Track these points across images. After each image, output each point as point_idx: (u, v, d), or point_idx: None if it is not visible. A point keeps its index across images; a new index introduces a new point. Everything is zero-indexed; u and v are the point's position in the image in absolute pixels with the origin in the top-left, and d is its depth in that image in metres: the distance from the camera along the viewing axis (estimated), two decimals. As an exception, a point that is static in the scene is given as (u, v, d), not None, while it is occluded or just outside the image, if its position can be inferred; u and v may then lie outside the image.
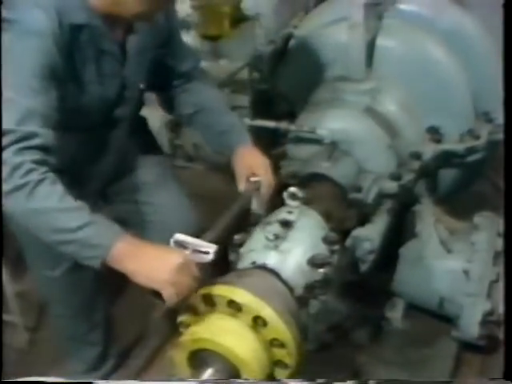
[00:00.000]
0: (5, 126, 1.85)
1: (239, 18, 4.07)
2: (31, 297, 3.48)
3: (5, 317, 3.26)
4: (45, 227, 1.90)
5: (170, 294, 1.87)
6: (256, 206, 2.40)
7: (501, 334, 2.67)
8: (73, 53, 2.09)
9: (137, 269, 1.89)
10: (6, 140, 1.84)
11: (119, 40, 2.25)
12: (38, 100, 1.93)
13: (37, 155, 1.88)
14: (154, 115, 3.19)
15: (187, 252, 1.93)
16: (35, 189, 1.84)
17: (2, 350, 2.50)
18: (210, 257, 1.94)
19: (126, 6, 2.05)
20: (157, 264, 1.89)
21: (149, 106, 2.79)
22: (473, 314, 2.72)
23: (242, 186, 2.42)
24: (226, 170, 2.61)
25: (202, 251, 1.95)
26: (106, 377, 2.96)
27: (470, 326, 2.74)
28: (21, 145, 1.85)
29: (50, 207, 1.86)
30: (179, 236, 1.97)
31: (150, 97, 2.75)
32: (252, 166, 2.43)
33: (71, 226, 1.87)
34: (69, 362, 2.98)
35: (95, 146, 2.45)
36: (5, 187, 1.84)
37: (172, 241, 1.96)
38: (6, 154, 1.84)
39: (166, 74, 2.58)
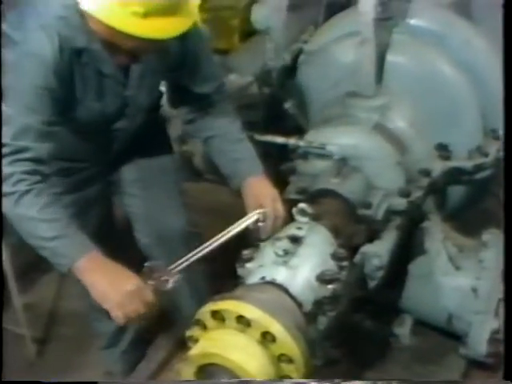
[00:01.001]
0: (3, 140, 2.09)
1: (249, 32, 4.09)
2: (39, 309, 3.50)
3: (13, 329, 3.28)
4: (25, 232, 2.11)
5: (116, 316, 2.06)
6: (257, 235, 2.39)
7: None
8: (73, 73, 2.23)
9: (93, 285, 2.07)
10: (3, 152, 2.08)
11: (122, 63, 2.29)
12: (33, 118, 2.13)
13: (27, 167, 2.09)
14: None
15: (149, 281, 2.08)
16: (21, 198, 2.06)
17: (2, 351, 2.52)
18: (169, 285, 2.09)
19: (120, 40, 2.09)
20: (110, 285, 2.06)
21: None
22: (481, 332, 2.72)
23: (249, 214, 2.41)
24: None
25: (163, 279, 2.09)
26: (124, 354, 3.15)
27: (478, 343, 2.73)
28: (13, 157, 2.08)
29: (31, 216, 2.07)
30: (151, 262, 2.14)
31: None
32: (259, 196, 2.43)
33: (46, 235, 2.08)
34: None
35: (97, 148, 2.62)
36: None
37: (145, 265, 2.12)
38: (2, 164, 2.09)
39: (184, 96, 2.61)
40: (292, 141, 3.00)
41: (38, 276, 3.81)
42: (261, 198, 2.42)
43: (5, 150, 2.08)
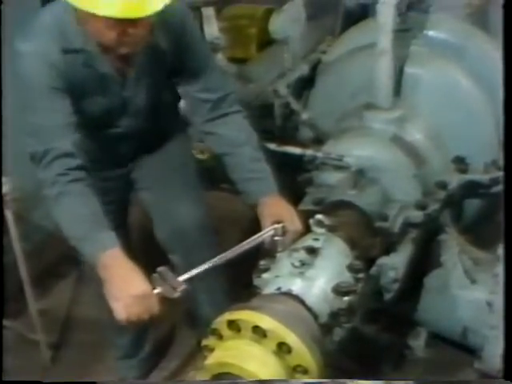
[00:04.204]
0: (30, 150, 2.26)
1: (266, 41, 4.09)
2: (54, 315, 3.52)
3: (28, 334, 3.30)
4: (63, 231, 2.24)
5: (117, 313, 2.09)
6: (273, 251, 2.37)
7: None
8: (75, 73, 2.33)
9: (107, 281, 2.13)
10: (34, 160, 2.26)
11: (118, 63, 2.40)
12: (51, 117, 2.27)
13: (59, 167, 2.23)
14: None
15: (158, 287, 2.11)
16: (57, 200, 2.22)
17: (2, 351, 2.53)
18: (176, 294, 2.11)
19: (100, 34, 2.20)
20: (120, 285, 2.11)
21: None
22: (496, 346, 2.70)
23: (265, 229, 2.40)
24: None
25: (171, 287, 2.11)
26: (140, 363, 3.18)
27: (493, 358, 2.72)
28: (44, 161, 2.23)
29: (65, 216, 2.23)
30: (163, 268, 2.12)
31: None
32: (277, 214, 2.42)
33: (74, 234, 2.22)
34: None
35: (105, 146, 2.64)
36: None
37: (157, 271, 2.12)
38: (37, 171, 2.26)
39: (192, 103, 2.66)
40: (309, 152, 3.01)
41: (54, 282, 3.84)
42: (278, 213, 2.41)
43: (36, 157, 2.24)
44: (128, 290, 2.09)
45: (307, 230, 2.42)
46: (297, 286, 2.16)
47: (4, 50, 3.01)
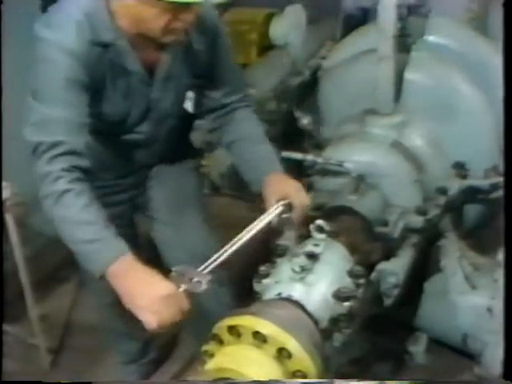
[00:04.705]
0: (36, 139, 2.07)
1: (267, 47, 4.10)
2: (54, 320, 3.52)
3: (28, 339, 3.30)
4: (63, 234, 2.05)
5: (148, 322, 1.92)
6: (286, 235, 2.34)
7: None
8: (101, 69, 2.21)
9: (125, 290, 1.97)
10: (37, 151, 2.06)
11: (148, 62, 2.31)
12: (66, 111, 2.10)
13: (65, 163, 2.05)
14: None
15: (182, 285, 1.98)
16: (60, 198, 2.02)
17: (2, 351, 2.53)
18: (202, 287, 1.98)
19: (148, 22, 2.12)
20: (143, 291, 1.94)
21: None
22: (496, 352, 2.70)
23: (269, 207, 2.33)
24: (252, 200, 2.61)
25: (195, 281, 1.98)
26: (141, 368, 3.15)
27: (493, 363, 2.71)
28: (50, 154, 2.04)
29: (70, 217, 2.03)
30: (179, 267, 2.02)
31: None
32: (283, 189, 2.35)
33: (81, 238, 2.02)
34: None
35: (117, 154, 2.58)
36: (39, 193, 2.05)
37: (173, 270, 2.02)
38: (38, 164, 2.05)
39: (209, 105, 2.60)
40: (310, 157, 3.01)
41: (54, 287, 3.84)
42: (283, 189, 2.35)
43: (41, 148, 2.05)
44: (153, 293, 1.92)
45: (308, 235, 2.42)
46: (297, 291, 2.16)
47: (4, 50, 3.02)
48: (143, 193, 2.75)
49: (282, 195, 2.32)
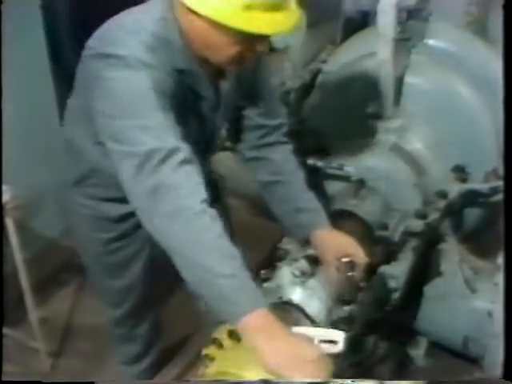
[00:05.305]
0: (143, 148, 1.81)
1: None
2: (54, 323, 3.52)
3: (28, 342, 3.30)
4: (191, 260, 1.78)
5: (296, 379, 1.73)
6: (346, 288, 2.24)
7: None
8: (175, 92, 1.99)
9: (268, 349, 1.76)
10: (150, 160, 1.80)
11: (215, 89, 2.19)
12: (165, 116, 1.88)
13: (192, 174, 1.84)
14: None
15: (322, 345, 1.84)
16: (196, 217, 1.78)
17: (1, 351, 2.53)
18: (340, 347, 1.85)
19: (218, 49, 1.97)
20: (291, 354, 1.75)
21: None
22: (496, 356, 2.70)
23: (331, 267, 2.26)
24: (253, 203, 2.61)
25: (330, 341, 1.86)
26: (144, 371, 3.08)
27: (494, 367, 2.71)
28: (171, 161, 1.80)
29: (205, 242, 1.77)
30: (298, 329, 1.89)
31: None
32: (343, 246, 2.29)
33: (219, 269, 1.76)
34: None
35: None
36: (159, 208, 1.80)
37: (294, 330, 1.87)
38: (155, 174, 1.80)
39: (246, 127, 2.44)
40: (310, 161, 3.01)
41: (54, 290, 3.84)
42: (345, 247, 2.29)
43: (157, 156, 1.80)
44: (301, 356, 1.74)
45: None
46: (297, 295, 2.16)
47: (4, 50, 3.02)
48: None
49: (342, 253, 2.27)
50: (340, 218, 2.66)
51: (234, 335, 1.96)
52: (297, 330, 1.87)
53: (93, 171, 2.34)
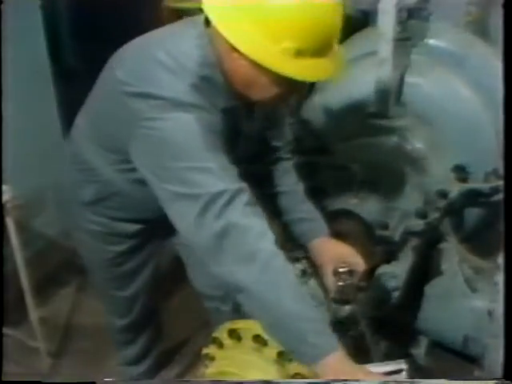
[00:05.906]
0: (207, 190, 1.80)
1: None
2: (54, 323, 3.52)
3: (28, 342, 3.30)
4: (269, 302, 1.78)
5: None
6: (345, 295, 2.24)
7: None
8: (218, 130, 1.94)
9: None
10: (216, 202, 1.79)
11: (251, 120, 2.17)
12: (221, 157, 1.87)
13: (259, 216, 1.84)
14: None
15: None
16: (272, 261, 1.79)
17: (2, 351, 2.53)
18: (404, 375, 1.87)
19: (261, 89, 1.92)
20: None
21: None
22: (496, 355, 2.70)
23: (330, 275, 2.26)
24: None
25: (394, 372, 1.87)
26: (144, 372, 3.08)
27: (494, 366, 2.71)
28: (238, 203, 1.80)
29: (282, 284, 1.78)
30: (368, 366, 1.87)
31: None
32: (341, 254, 2.30)
33: (302, 313, 1.78)
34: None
35: None
36: (232, 250, 1.79)
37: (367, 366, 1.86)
38: (227, 215, 1.79)
39: (257, 148, 2.38)
40: (311, 161, 3.01)
41: (54, 290, 3.84)
42: (343, 255, 2.29)
43: (224, 198, 1.79)
44: None
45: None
46: (298, 294, 2.16)
47: (4, 50, 3.02)
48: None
49: (341, 262, 2.26)
50: (340, 218, 2.67)
51: (234, 335, 1.96)
52: (367, 367, 1.85)
53: (113, 195, 2.30)
